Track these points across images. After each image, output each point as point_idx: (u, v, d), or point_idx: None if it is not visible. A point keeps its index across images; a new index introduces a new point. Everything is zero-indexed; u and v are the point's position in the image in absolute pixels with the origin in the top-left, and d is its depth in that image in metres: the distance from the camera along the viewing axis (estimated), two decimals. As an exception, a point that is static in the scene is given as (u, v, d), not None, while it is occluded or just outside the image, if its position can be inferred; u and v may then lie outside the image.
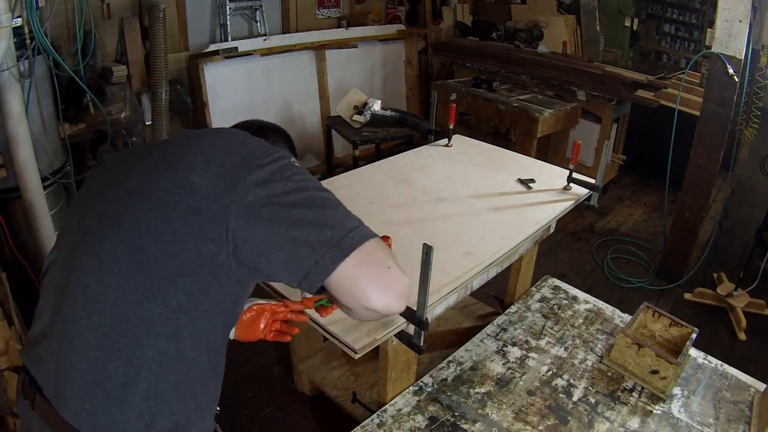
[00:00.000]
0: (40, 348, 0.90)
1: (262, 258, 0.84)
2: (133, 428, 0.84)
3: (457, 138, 2.68)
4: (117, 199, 0.88)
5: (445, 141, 2.63)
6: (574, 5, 5.29)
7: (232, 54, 3.62)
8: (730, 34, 2.61)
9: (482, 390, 1.74)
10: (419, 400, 1.69)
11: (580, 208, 2.26)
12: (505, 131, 5.00)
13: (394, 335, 1.45)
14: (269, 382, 2.39)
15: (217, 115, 3.70)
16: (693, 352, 1.93)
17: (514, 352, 1.91)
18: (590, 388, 1.77)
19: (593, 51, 5.39)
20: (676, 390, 1.77)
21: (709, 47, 2.74)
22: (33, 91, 2.23)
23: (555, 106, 3.78)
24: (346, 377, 2.14)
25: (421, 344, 1.44)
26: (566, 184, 2.19)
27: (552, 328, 2.04)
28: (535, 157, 2.69)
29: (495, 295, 2.66)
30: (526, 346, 1.95)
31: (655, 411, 1.69)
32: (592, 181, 2.18)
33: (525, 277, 2.32)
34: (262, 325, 1.34)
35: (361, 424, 1.60)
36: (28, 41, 2.13)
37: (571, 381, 1.79)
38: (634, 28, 5.96)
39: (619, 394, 1.75)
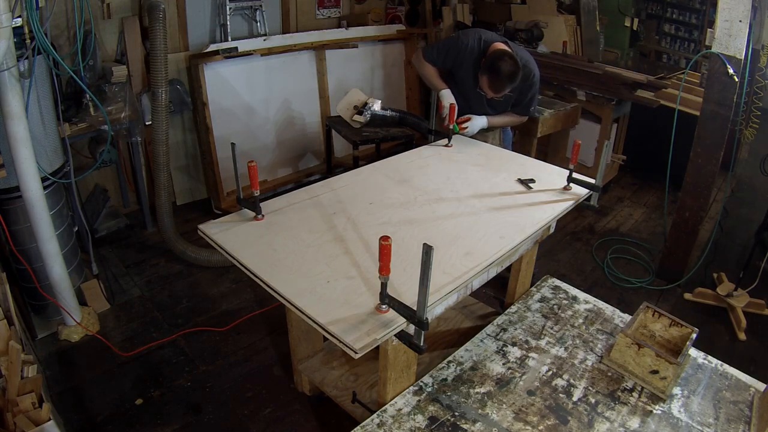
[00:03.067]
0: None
1: None
2: None
3: (457, 138, 2.68)
4: None
5: (445, 141, 2.63)
6: (574, 5, 5.28)
7: (232, 54, 3.62)
8: (730, 34, 2.61)
9: (482, 390, 1.74)
10: (419, 400, 1.69)
11: (580, 208, 2.26)
12: (505, 131, 4.99)
13: (394, 335, 1.45)
14: (269, 382, 2.39)
15: (217, 114, 3.70)
16: (693, 352, 1.93)
17: (514, 352, 1.91)
18: (590, 388, 1.77)
19: (593, 51, 5.38)
20: (676, 390, 1.77)
21: (709, 47, 2.73)
22: (33, 91, 2.23)
23: (555, 106, 3.78)
24: (346, 377, 2.14)
25: (421, 344, 1.44)
26: (566, 184, 2.19)
27: (552, 328, 2.04)
28: (535, 157, 2.69)
29: (495, 295, 2.66)
30: (526, 346, 1.95)
31: (655, 411, 1.69)
32: (592, 181, 2.19)
33: (525, 277, 2.32)
34: None
35: (361, 424, 1.60)
36: (28, 41, 2.13)
37: (571, 381, 1.79)
38: (634, 28, 5.95)
39: (619, 394, 1.75)
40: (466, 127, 2.71)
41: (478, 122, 2.73)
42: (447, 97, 2.67)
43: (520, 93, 2.69)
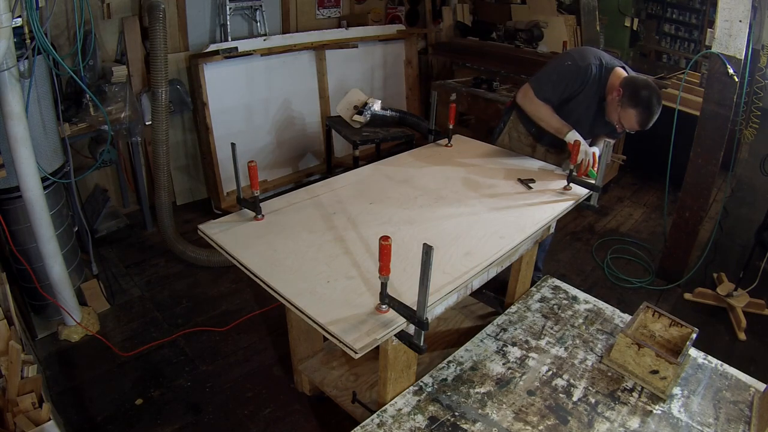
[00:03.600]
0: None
1: None
2: None
3: (457, 138, 2.68)
4: None
5: (445, 141, 2.63)
6: (574, 5, 5.28)
7: (232, 54, 3.62)
8: (730, 34, 2.61)
9: (482, 390, 1.74)
10: (419, 400, 1.69)
11: (580, 208, 2.25)
12: (505, 131, 4.99)
13: (394, 335, 1.45)
14: (269, 382, 2.39)
15: (217, 114, 3.70)
16: (693, 352, 1.93)
17: (514, 352, 1.91)
18: (590, 388, 1.77)
19: (593, 51, 5.38)
20: (676, 390, 1.77)
21: (709, 47, 2.73)
22: (33, 91, 2.23)
23: (555, 106, 3.77)
24: (346, 377, 2.14)
25: (421, 344, 1.44)
26: (566, 184, 2.19)
27: (552, 328, 2.04)
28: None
29: (495, 295, 2.67)
30: (526, 346, 1.95)
31: (655, 411, 1.69)
32: (592, 181, 2.19)
33: (525, 277, 2.32)
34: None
35: (361, 424, 1.60)
36: (28, 41, 2.13)
37: (571, 381, 1.79)
38: (634, 28, 5.95)
39: (619, 394, 1.75)
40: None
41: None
42: (580, 139, 2.26)
43: None
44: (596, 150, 2.34)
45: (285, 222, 1.84)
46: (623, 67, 2.32)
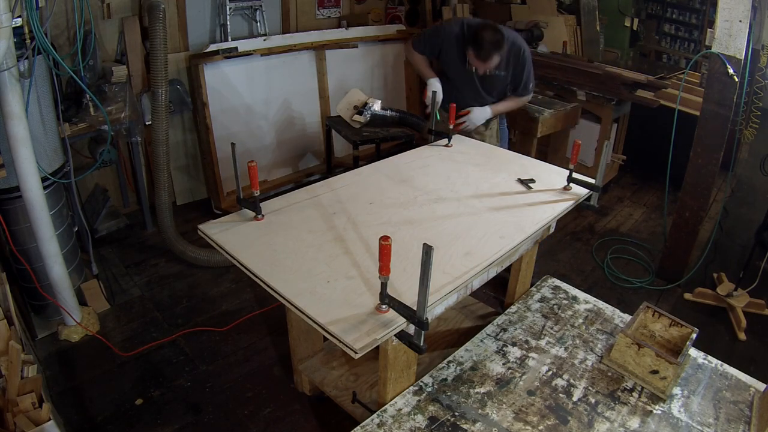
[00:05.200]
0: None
1: None
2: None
3: (457, 138, 2.68)
4: None
5: (445, 141, 2.63)
6: (574, 5, 5.28)
7: (232, 54, 3.62)
8: (730, 34, 2.61)
9: (482, 390, 1.74)
10: (419, 400, 1.69)
11: (580, 208, 2.25)
12: (505, 131, 4.98)
13: (394, 335, 1.45)
14: (269, 382, 2.39)
15: (217, 115, 3.70)
16: (693, 352, 1.93)
17: (514, 352, 1.91)
18: (590, 388, 1.77)
19: (593, 51, 5.38)
20: (676, 390, 1.77)
21: (709, 47, 2.73)
22: (33, 91, 2.23)
23: (555, 106, 3.78)
24: (346, 377, 2.14)
25: (421, 344, 1.44)
26: (566, 184, 2.19)
27: (552, 328, 2.04)
28: (535, 157, 2.69)
29: (495, 295, 2.67)
30: (526, 346, 1.95)
31: (655, 411, 1.69)
32: (592, 181, 2.19)
33: (525, 277, 2.32)
34: None
35: (361, 424, 1.60)
36: (28, 41, 2.13)
37: (571, 381, 1.79)
38: (634, 28, 5.95)
39: (619, 394, 1.75)
40: (464, 122, 2.70)
41: (480, 113, 2.73)
42: (432, 84, 2.78)
43: (515, 72, 2.74)
44: (483, 110, 2.82)
45: (285, 222, 1.84)
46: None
